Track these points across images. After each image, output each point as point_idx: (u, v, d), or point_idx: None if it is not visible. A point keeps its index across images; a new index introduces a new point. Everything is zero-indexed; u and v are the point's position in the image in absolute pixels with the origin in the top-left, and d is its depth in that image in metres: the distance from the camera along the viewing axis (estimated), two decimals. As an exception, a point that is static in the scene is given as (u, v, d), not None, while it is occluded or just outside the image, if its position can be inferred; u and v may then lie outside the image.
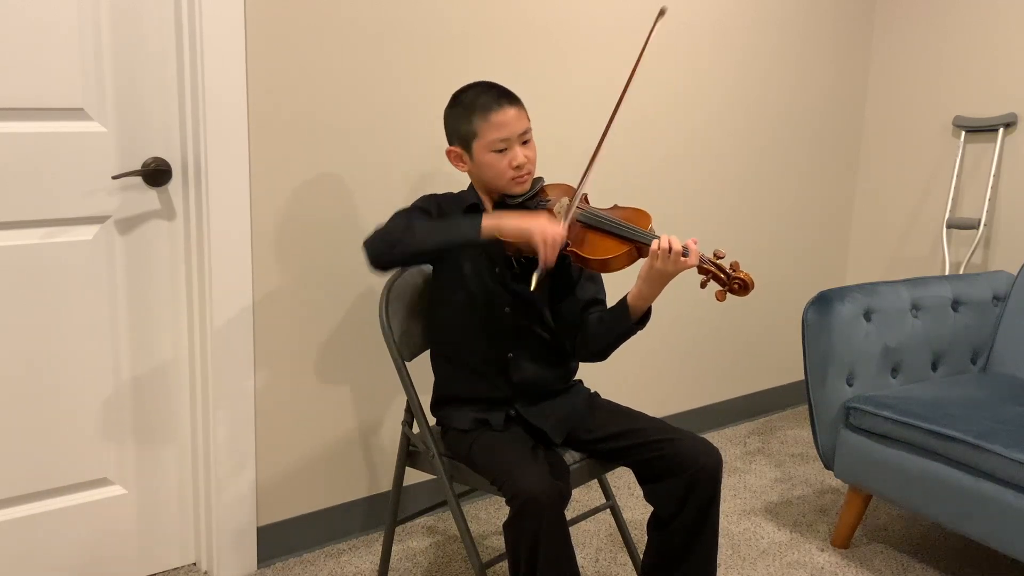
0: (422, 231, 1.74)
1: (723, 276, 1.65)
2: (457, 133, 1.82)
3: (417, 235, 1.73)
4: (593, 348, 1.85)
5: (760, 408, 3.39)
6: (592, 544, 2.37)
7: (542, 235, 1.63)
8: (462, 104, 1.80)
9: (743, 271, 1.65)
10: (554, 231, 1.64)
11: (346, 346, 2.27)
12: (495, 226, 1.68)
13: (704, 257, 1.66)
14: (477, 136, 1.77)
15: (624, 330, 1.78)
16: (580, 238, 1.74)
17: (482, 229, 1.68)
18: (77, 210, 1.90)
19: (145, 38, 1.92)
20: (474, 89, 1.81)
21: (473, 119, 1.77)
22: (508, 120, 1.76)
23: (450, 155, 1.85)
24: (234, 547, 2.15)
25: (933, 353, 2.50)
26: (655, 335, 2.92)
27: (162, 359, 2.07)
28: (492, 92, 1.79)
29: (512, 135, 1.76)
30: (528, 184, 1.82)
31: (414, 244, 1.73)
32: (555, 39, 2.50)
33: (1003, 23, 3.01)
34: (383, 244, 1.74)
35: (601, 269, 1.73)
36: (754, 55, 3.03)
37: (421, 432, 1.89)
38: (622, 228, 1.72)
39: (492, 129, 1.75)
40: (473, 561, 1.80)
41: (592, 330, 1.83)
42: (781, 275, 3.32)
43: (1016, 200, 3.00)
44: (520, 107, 1.80)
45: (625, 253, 1.70)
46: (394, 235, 1.74)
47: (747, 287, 1.64)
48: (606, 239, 1.72)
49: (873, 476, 2.24)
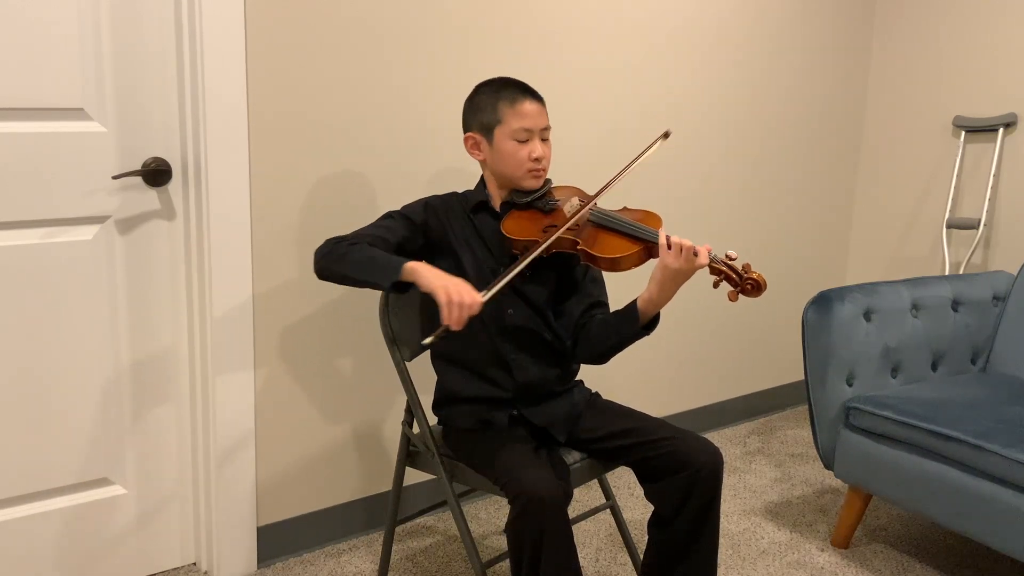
0: (354, 260, 1.72)
1: (736, 277, 1.66)
2: (479, 120, 1.83)
3: (348, 263, 1.73)
4: (594, 351, 1.85)
5: (760, 408, 3.39)
6: (592, 544, 2.37)
7: (446, 294, 1.59)
8: (487, 92, 1.83)
9: (756, 272, 1.65)
10: (469, 297, 1.59)
11: (346, 346, 2.27)
12: (410, 275, 1.66)
13: (716, 257, 1.67)
14: (501, 123, 1.79)
15: (629, 334, 1.78)
16: (591, 237, 1.74)
17: (400, 274, 1.67)
18: (77, 210, 1.90)
19: (145, 38, 1.92)
20: (500, 81, 1.85)
21: (499, 106, 1.80)
22: (533, 112, 1.79)
23: (467, 141, 1.87)
24: (234, 547, 2.15)
25: (933, 353, 2.50)
26: (655, 335, 2.91)
27: (162, 359, 2.07)
28: (519, 86, 1.83)
29: (535, 127, 1.80)
30: (542, 180, 1.85)
31: (342, 270, 1.74)
32: (557, 39, 2.50)
33: (1003, 23, 3.01)
34: (324, 259, 1.76)
35: (611, 268, 1.73)
36: (754, 55, 3.03)
37: (421, 432, 1.89)
38: (633, 228, 1.73)
39: (517, 117, 1.78)
40: (473, 561, 1.80)
41: (594, 332, 1.84)
42: (781, 275, 3.32)
43: (1016, 200, 3.01)
44: (543, 105, 1.83)
45: (635, 253, 1.71)
46: (335, 254, 1.74)
47: (760, 288, 1.65)
48: (617, 238, 1.73)
49: (873, 476, 2.24)
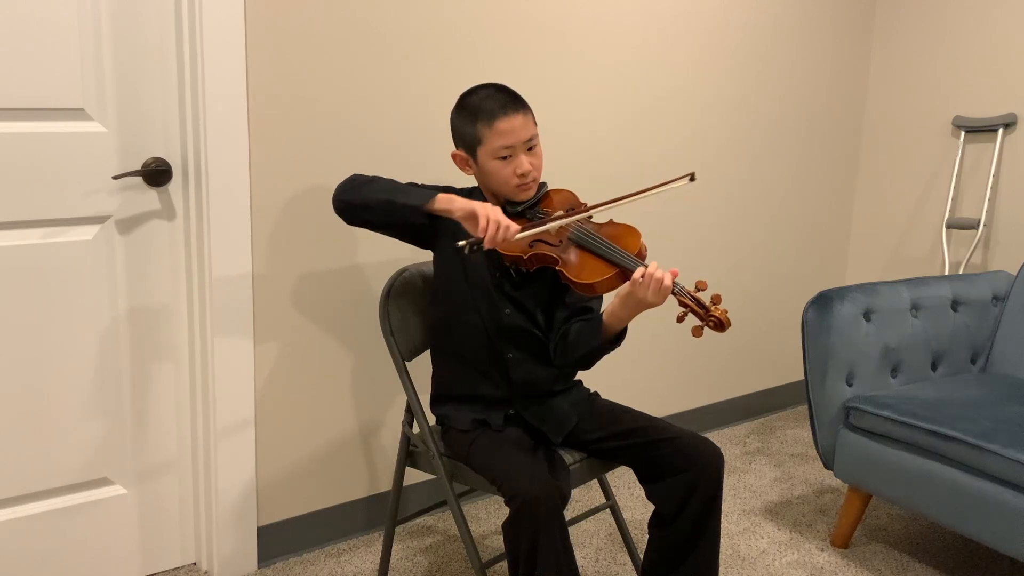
0: (381, 187, 1.71)
1: (701, 312, 1.62)
2: (463, 138, 1.79)
3: (375, 187, 1.70)
4: (568, 359, 1.82)
5: (760, 408, 3.39)
6: (592, 544, 2.37)
7: (485, 213, 1.61)
8: (467, 109, 1.77)
9: (722, 308, 1.61)
10: (505, 221, 1.61)
11: (346, 346, 2.27)
12: (446, 203, 1.66)
13: (684, 290, 1.63)
14: (481, 143, 1.75)
15: (597, 346, 1.74)
16: (570, 259, 1.71)
17: (433, 201, 1.67)
18: (77, 210, 1.90)
19: (146, 38, 1.93)
20: (480, 93, 1.78)
21: (478, 126, 1.74)
22: (513, 128, 1.73)
23: (456, 159, 1.83)
24: (234, 547, 2.15)
25: (933, 353, 2.50)
26: (655, 335, 2.92)
27: (162, 359, 2.07)
28: (499, 98, 1.75)
29: (517, 143, 1.74)
30: (532, 191, 1.80)
31: (366, 196, 1.71)
32: (559, 39, 2.50)
33: (1003, 23, 3.01)
34: (346, 191, 1.74)
35: (587, 293, 1.70)
36: (754, 55, 3.03)
37: (421, 432, 1.89)
38: (611, 251, 1.68)
39: (496, 137, 1.73)
40: (473, 561, 1.80)
41: (571, 339, 1.81)
42: (781, 275, 3.32)
43: (1016, 200, 3.01)
44: (527, 113, 1.76)
45: (610, 277, 1.67)
46: (358, 181, 1.72)
47: (722, 326, 1.60)
48: (594, 261, 1.69)
49: (873, 476, 2.24)
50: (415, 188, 1.75)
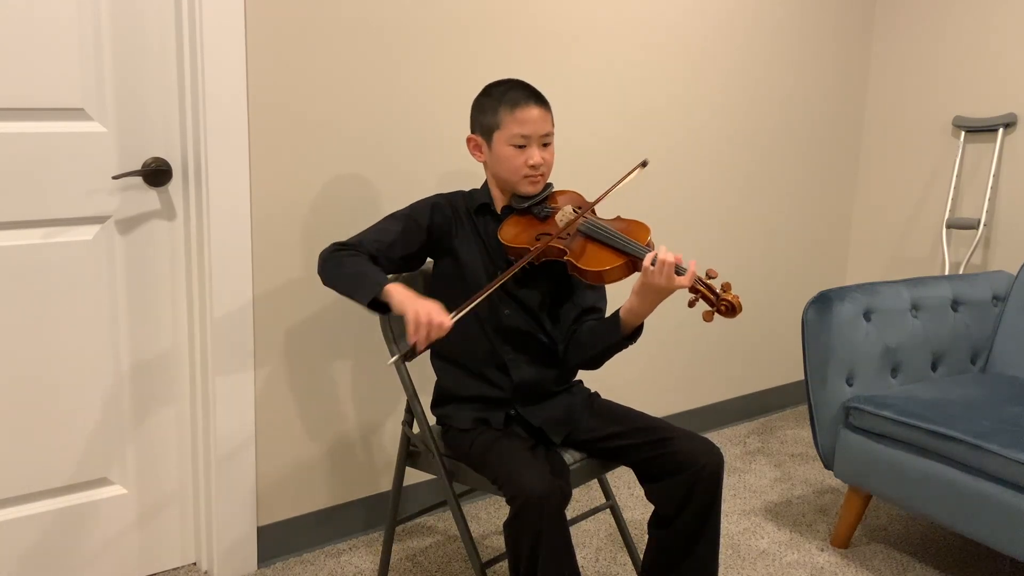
0: (345, 274, 1.76)
1: (712, 297, 1.65)
2: (481, 122, 1.85)
3: (340, 275, 1.76)
4: (582, 357, 1.85)
5: (760, 408, 3.39)
6: (592, 544, 2.37)
7: (415, 317, 1.61)
8: (492, 95, 1.84)
9: (733, 294, 1.64)
10: (437, 319, 1.61)
11: (346, 346, 2.27)
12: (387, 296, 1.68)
13: (697, 277, 1.66)
14: (499, 127, 1.80)
15: (613, 343, 1.78)
16: (579, 249, 1.74)
17: (379, 295, 1.69)
18: (77, 210, 1.90)
19: (145, 38, 1.92)
20: (507, 83, 1.85)
21: (499, 110, 1.80)
22: (532, 118, 1.79)
23: (470, 143, 1.88)
24: (234, 547, 2.15)
25: (933, 353, 2.50)
26: (656, 335, 2.92)
27: (162, 359, 2.07)
28: (524, 90, 1.83)
29: (533, 134, 1.79)
30: (540, 186, 1.85)
31: (333, 282, 1.77)
32: (560, 44, 2.50)
33: (1002, 23, 3.01)
34: (323, 269, 1.79)
35: (596, 281, 1.73)
36: (754, 55, 3.03)
37: (421, 432, 1.89)
38: (620, 241, 1.72)
39: (515, 123, 1.79)
40: (473, 561, 1.80)
41: (583, 339, 1.84)
42: (781, 275, 3.32)
43: (1016, 200, 3.01)
44: (547, 110, 1.83)
45: (620, 266, 1.70)
46: (332, 262, 1.78)
47: (734, 310, 1.63)
48: (603, 251, 1.73)
49: (873, 476, 2.24)
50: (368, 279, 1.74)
